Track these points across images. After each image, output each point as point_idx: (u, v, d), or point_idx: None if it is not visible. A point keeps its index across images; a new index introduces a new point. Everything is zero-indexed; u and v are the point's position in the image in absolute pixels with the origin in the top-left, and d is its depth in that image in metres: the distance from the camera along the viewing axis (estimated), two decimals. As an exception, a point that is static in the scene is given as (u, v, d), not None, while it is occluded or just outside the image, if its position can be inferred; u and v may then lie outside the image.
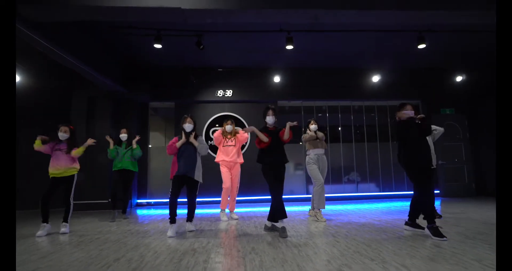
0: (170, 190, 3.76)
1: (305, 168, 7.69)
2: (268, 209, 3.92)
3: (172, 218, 3.75)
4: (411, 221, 3.59)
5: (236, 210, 5.32)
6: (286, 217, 3.56)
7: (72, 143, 4.16)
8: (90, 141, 4.30)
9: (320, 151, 4.77)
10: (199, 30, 5.10)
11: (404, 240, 3.10)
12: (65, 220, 4.05)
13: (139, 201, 7.11)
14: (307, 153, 4.82)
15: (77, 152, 4.15)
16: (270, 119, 3.86)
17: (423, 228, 3.43)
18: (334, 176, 7.72)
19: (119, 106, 6.97)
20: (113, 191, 5.12)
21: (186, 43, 5.63)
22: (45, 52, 4.37)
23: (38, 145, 4.03)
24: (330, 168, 7.63)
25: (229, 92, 7.44)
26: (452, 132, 7.90)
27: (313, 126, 4.85)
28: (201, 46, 5.48)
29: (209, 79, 7.42)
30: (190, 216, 3.98)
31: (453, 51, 6.66)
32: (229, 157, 4.83)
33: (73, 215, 5.79)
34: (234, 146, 4.92)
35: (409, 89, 7.81)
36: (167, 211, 3.83)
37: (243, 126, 7.49)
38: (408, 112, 3.49)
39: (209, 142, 7.35)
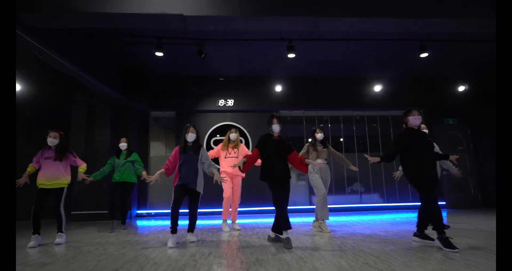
0: (172, 199, 3.66)
1: (307, 179, 7.59)
2: (270, 220, 3.80)
3: (174, 228, 3.61)
4: (420, 232, 3.47)
5: (238, 221, 5.19)
6: (290, 228, 3.44)
7: (61, 149, 3.98)
8: (83, 177, 4.15)
9: (322, 161, 4.69)
10: (200, 39, 5.11)
11: (413, 252, 2.98)
12: (60, 230, 3.90)
13: (139, 211, 6.97)
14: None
15: (82, 168, 4.10)
16: (276, 127, 3.74)
17: (432, 239, 3.30)
18: (337, 187, 7.59)
19: (119, 115, 6.93)
20: (111, 200, 4.99)
21: (187, 52, 5.64)
22: (44, 59, 4.34)
23: (33, 169, 3.94)
24: (333, 178, 7.50)
25: (230, 102, 7.41)
26: (455, 142, 7.82)
27: (319, 135, 4.77)
28: (203, 55, 5.49)
29: (210, 88, 7.41)
30: (192, 227, 3.86)
31: (454, 59, 6.66)
32: (231, 169, 4.74)
33: (71, 225, 5.68)
34: (237, 157, 4.83)
35: (411, 98, 7.78)
36: (167, 222, 3.72)
37: (245, 137, 7.42)
38: (416, 118, 3.43)
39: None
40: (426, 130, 4.64)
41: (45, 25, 3.64)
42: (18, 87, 6.21)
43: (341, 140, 7.91)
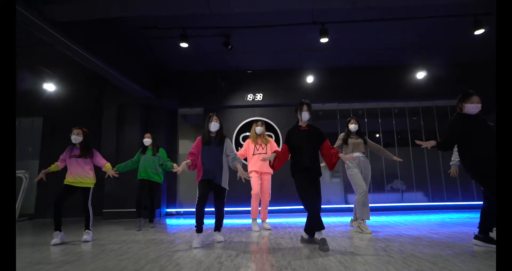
0: (197, 196, 3.41)
1: (342, 175, 7.11)
2: (303, 219, 3.45)
3: (199, 227, 3.36)
4: (483, 234, 2.93)
5: (268, 220, 4.88)
6: (323, 228, 3.06)
7: (85, 147, 3.94)
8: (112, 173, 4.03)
9: (360, 154, 4.24)
10: (225, 27, 4.86)
11: (478, 258, 2.49)
12: (87, 227, 3.85)
13: (168, 210, 6.90)
14: None
15: (108, 166, 4.00)
16: (305, 115, 3.37)
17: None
18: (375, 184, 7.02)
19: (148, 113, 6.91)
20: (137, 199, 4.88)
21: (213, 46, 5.43)
22: (74, 56, 4.33)
23: (55, 168, 3.92)
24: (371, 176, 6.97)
25: (259, 96, 7.12)
26: None
27: (352, 126, 4.33)
28: (229, 46, 5.25)
29: (238, 83, 7.16)
30: (218, 225, 3.61)
31: None
32: (258, 166, 4.42)
33: (100, 223, 5.69)
34: (266, 153, 4.49)
35: (459, 87, 6.99)
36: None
37: (274, 131, 7.10)
38: (474, 106, 2.91)
39: (238, 148, 7.03)
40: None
41: (70, 17, 3.56)
42: (52, 87, 6.36)
43: (377, 135, 7.31)
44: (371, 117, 7.37)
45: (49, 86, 6.29)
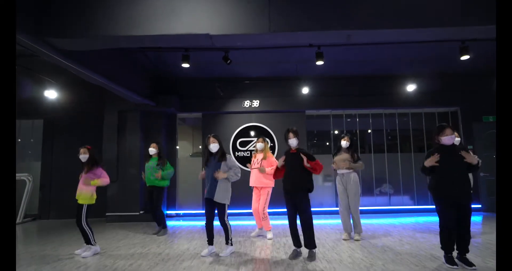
0: None
1: (334, 180, 7.50)
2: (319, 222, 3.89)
3: (209, 240, 3.90)
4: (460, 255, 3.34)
5: (276, 222, 5.33)
6: (300, 246, 3.65)
7: (90, 163, 4.08)
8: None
9: (343, 171, 4.58)
10: (225, 47, 5.02)
11: None
12: (87, 243, 4.05)
13: (168, 212, 7.21)
14: None
15: (94, 182, 4.04)
16: (293, 142, 3.73)
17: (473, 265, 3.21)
18: (365, 188, 7.43)
19: (148, 118, 7.08)
20: (145, 205, 5.27)
21: (213, 56, 5.57)
22: (76, 73, 4.45)
23: (94, 183, 4.05)
24: (361, 180, 7.34)
25: (256, 103, 7.34)
26: (495, 141, 7.33)
27: (344, 143, 4.65)
28: (228, 61, 5.41)
29: (236, 90, 7.35)
30: (226, 238, 3.96)
31: (494, 55, 6.12)
32: (253, 181, 4.82)
33: (106, 227, 6.00)
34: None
35: (446, 96, 7.34)
36: (196, 223, 3.97)
37: (270, 137, 7.37)
38: (448, 138, 3.23)
39: (236, 153, 7.32)
40: (458, 138, 4.37)
41: (76, 48, 3.70)
42: (54, 95, 6.47)
43: (369, 131, 7.67)
44: (362, 118, 7.69)
45: (50, 94, 6.39)
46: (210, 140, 3.91)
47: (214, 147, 3.89)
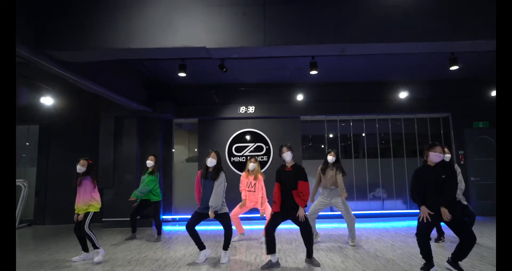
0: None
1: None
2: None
3: (199, 246, 3.97)
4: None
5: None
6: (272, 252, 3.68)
7: (84, 177, 4.11)
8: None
9: (332, 187, 4.72)
10: (221, 57, 5.10)
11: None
12: (94, 247, 4.11)
13: (164, 217, 7.27)
14: None
15: (78, 208, 4.09)
16: (287, 156, 3.77)
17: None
18: (359, 193, 7.56)
19: (145, 124, 7.13)
20: (133, 212, 5.44)
21: (209, 63, 5.66)
22: (73, 82, 4.50)
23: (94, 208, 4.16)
24: (355, 184, 7.49)
25: (251, 109, 7.43)
26: (486, 146, 7.52)
27: (330, 158, 4.79)
28: (224, 69, 5.49)
29: (231, 96, 7.45)
30: (225, 245, 4.04)
31: (484, 62, 6.30)
32: (251, 203, 5.08)
33: (105, 232, 6.05)
34: (254, 191, 5.06)
35: (438, 102, 7.51)
36: None
37: (265, 142, 7.46)
38: (437, 155, 3.35)
39: (231, 158, 7.40)
40: (448, 155, 4.51)
41: (76, 60, 3.77)
42: (51, 101, 6.50)
43: (363, 135, 7.81)
44: (356, 122, 7.83)
45: (47, 100, 6.42)
46: (210, 154, 3.97)
47: (211, 161, 3.95)
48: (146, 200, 5.43)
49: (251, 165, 5.07)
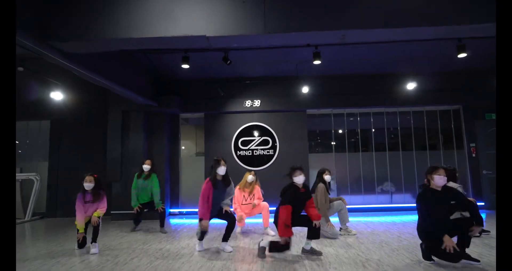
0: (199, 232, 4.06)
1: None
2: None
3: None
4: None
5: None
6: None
7: (97, 193, 4.24)
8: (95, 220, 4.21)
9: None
10: (224, 48, 5.12)
11: None
12: (94, 240, 4.16)
13: (171, 210, 7.34)
14: None
15: (97, 213, 4.18)
16: (299, 179, 3.67)
17: (477, 261, 3.24)
18: (367, 187, 7.46)
19: (151, 119, 7.21)
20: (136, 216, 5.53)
21: (213, 57, 5.68)
22: (80, 75, 4.59)
23: (81, 226, 4.18)
24: (362, 178, 7.41)
25: (257, 102, 7.42)
26: (498, 139, 7.31)
27: (327, 177, 4.84)
28: (228, 62, 5.50)
29: (237, 90, 7.45)
30: (227, 237, 4.08)
31: (495, 52, 6.12)
32: (249, 216, 5.18)
33: (113, 224, 6.16)
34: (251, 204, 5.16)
35: (448, 94, 7.33)
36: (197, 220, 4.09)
37: (271, 135, 7.44)
38: (440, 178, 3.25)
39: (238, 152, 7.42)
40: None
41: (79, 51, 3.84)
42: (60, 96, 6.64)
43: (373, 130, 7.70)
44: (364, 117, 7.73)
45: (56, 95, 6.56)
46: (220, 162, 3.96)
47: (222, 170, 3.96)
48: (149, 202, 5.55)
49: (249, 177, 5.16)
